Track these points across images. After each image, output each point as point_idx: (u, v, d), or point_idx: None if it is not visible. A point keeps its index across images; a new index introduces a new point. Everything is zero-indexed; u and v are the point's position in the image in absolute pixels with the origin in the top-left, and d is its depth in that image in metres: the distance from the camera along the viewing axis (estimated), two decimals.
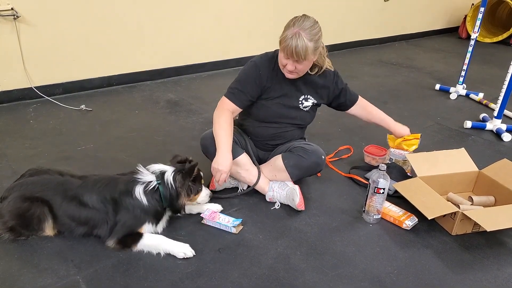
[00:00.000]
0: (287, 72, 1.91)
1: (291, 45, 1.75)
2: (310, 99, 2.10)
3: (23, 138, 2.76)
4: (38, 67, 3.38)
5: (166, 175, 1.77)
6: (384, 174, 1.88)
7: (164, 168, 1.80)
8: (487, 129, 3.16)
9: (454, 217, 1.87)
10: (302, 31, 1.75)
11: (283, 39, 1.80)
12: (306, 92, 2.08)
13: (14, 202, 1.71)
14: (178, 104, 3.50)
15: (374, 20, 5.95)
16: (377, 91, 4.04)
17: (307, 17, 1.83)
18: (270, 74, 2.00)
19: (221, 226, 1.87)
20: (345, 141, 2.86)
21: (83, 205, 1.71)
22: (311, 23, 1.80)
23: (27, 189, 1.74)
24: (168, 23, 3.99)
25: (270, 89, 2.03)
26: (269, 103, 2.07)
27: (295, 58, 1.80)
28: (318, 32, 1.82)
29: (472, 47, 3.73)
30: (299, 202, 2.01)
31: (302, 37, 1.75)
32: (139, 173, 1.78)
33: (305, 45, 1.75)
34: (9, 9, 3.07)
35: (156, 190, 1.75)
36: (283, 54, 1.84)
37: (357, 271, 1.67)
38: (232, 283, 1.58)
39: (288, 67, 1.86)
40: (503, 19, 6.74)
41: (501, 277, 1.68)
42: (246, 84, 2.00)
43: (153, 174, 1.79)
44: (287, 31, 1.79)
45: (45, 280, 1.56)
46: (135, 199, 1.71)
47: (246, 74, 2.02)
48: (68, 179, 1.79)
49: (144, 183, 1.75)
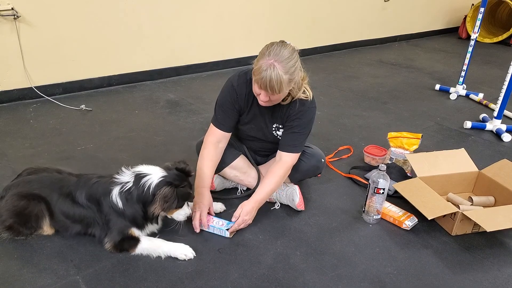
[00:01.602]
0: (261, 101, 1.80)
1: (265, 79, 1.62)
2: (281, 128, 1.98)
3: (23, 138, 2.76)
4: (38, 67, 3.38)
5: (147, 177, 1.64)
6: (384, 174, 1.88)
7: (148, 170, 1.68)
8: (487, 129, 3.16)
9: (454, 218, 1.87)
10: (277, 63, 1.61)
11: (257, 70, 1.65)
12: (277, 121, 1.97)
13: (11, 201, 1.71)
14: (178, 104, 3.50)
15: (374, 20, 5.95)
16: (377, 91, 4.04)
17: (284, 46, 1.67)
18: (246, 97, 1.92)
19: (215, 230, 1.84)
20: (345, 141, 2.86)
21: (76, 203, 1.70)
22: (288, 54, 1.65)
23: (24, 187, 1.74)
24: (168, 23, 3.99)
25: (245, 114, 1.98)
26: (243, 127, 2.04)
27: (268, 92, 1.67)
28: (294, 64, 1.67)
29: (472, 47, 3.73)
30: (299, 202, 2.01)
31: (276, 70, 1.60)
32: (120, 173, 1.70)
33: (279, 79, 1.62)
34: (9, 9, 3.07)
35: (131, 192, 1.64)
36: (257, 86, 1.70)
37: (356, 271, 1.67)
38: (232, 283, 1.58)
39: (261, 97, 1.74)
40: (503, 20, 6.75)
41: (501, 277, 1.68)
42: (226, 108, 1.94)
43: (132, 174, 1.68)
44: (261, 60, 1.64)
45: (45, 280, 1.56)
46: (111, 201, 1.65)
47: (224, 98, 1.94)
48: (66, 177, 1.78)
49: (121, 183, 1.66)
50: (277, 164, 1.92)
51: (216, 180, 2.15)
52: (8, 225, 1.71)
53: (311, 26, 5.16)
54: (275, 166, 1.93)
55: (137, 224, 1.71)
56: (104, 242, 1.71)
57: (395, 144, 2.51)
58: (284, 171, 1.92)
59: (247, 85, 1.88)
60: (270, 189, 1.90)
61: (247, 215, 1.85)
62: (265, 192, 1.89)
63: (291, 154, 1.92)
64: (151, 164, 1.77)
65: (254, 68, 1.69)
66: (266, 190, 1.89)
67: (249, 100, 1.92)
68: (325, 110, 3.43)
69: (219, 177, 2.16)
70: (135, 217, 1.68)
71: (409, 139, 2.49)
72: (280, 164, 1.91)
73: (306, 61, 1.82)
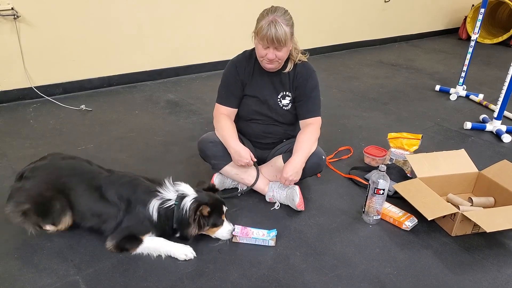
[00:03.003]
0: (267, 62, 1.91)
1: (270, 33, 1.77)
2: (288, 96, 2.06)
3: (23, 138, 2.76)
4: (38, 67, 3.38)
5: (186, 199, 1.70)
6: (384, 175, 1.88)
7: (187, 191, 1.74)
8: (487, 130, 3.16)
9: (454, 218, 1.87)
10: (278, 18, 1.79)
11: (260, 29, 1.81)
12: (283, 89, 2.05)
13: (38, 188, 1.69)
14: (178, 104, 3.50)
15: (375, 21, 5.96)
16: (377, 92, 4.04)
17: (277, 6, 1.86)
18: (247, 70, 2.03)
19: (257, 241, 1.79)
20: (345, 142, 2.86)
21: (102, 197, 1.70)
22: (283, 11, 1.84)
23: (53, 173, 1.72)
24: (168, 23, 3.99)
25: (248, 85, 2.06)
26: (248, 100, 2.09)
27: (275, 45, 1.81)
28: (291, 18, 1.86)
29: (472, 48, 3.73)
30: (299, 202, 2.01)
31: (279, 23, 1.78)
32: (163, 187, 1.73)
33: (283, 30, 1.79)
34: (9, 9, 3.07)
35: (171, 210, 1.70)
36: (261, 44, 1.84)
37: (356, 272, 1.67)
38: (232, 283, 1.58)
39: (269, 56, 1.86)
40: (503, 20, 6.75)
41: (501, 278, 1.68)
42: (229, 84, 2.06)
43: (176, 192, 1.73)
44: (261, 21, 1.81)
45: (45, 280, 1.56)
46: (147, 210, 1.68)
47: (226, 75, 2.07)
48: (97, 169, 1.79)
49: (163, 199, 1.70)
50: (307, 128, 2.02)
51: (216, 179, 2.16)
52: (24, 210, 1.67)
53: (311, 26, 5.16)
54: (305, 130, 2.02)
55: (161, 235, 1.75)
56: (108, 240, 1.70)
57: (395, 144, 2.51)
58: (316, 135, 2.02)
59: (246, 58, 2.03)
60: (309, 151, 1.98)
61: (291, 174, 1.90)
62: (305, 153, 1.96)
63: (315, 118, 2.05)
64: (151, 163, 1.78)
65: (256, 30, 1.85)
66: (306, 151, 1.96)
67: (249, 72, 2.03)
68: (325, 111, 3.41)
69: (219, 176, 2.16)
70: (164, 231, 1.74)
71: (409, 140, 2.49)
72: (310, 128, 2.01)
73: None
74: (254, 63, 2.03)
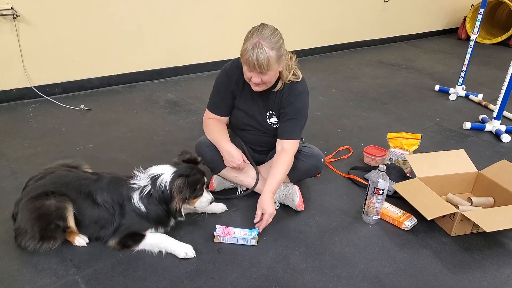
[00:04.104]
0: (253, 85, 1.83)
1: (252, 57, 1.67)
2: (274, 115, 2.00)
3: (22, 137, 2.75)
4: (37, 67, 3.38)
5: (161, 177, 1.69)
6: (383, 174, 1.88)
7: (160, 170, 1.72)
8: (486, 130, 3.16)
9: (453, 218, 1.87)
10: (262, 41, 1.67)
11: (243, 52, 1.71)
12: (270, 108, 1.98)
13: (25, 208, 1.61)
14: (177, 104, 3.50)
15: (374, 21, 5.96)
16: (376, 92, 4.04)
17: (265, 26, 1.74)
18: (238, 81, 1.96)
19: (239, 241, 1.79)
20: (344, 142, 2.86)
21: (96, 204, 1.68)
22: (270, 31, 1.71)
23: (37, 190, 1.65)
24: (168, 23, 3.99)
25: (238, 98, 2.01)
26: (238, 112, 2.05)
27: (258, 70, 1.71)
28: (279, 40, 1.73)
29: (471, 48, 3.73)
30: (299, 202, 2.01)
31: (263, 47, 1.66)
32: (134, 178, 1.72)
33: (266, 55, 1.67)
34: (8, 8, 3.07)
35: (150, 194, 1.68)
36: (246, 67, 1.76)
37: (356, 272, 1.67)
38: (232, 283, 1.58)
39: (254, 80, 1.78)
40: (503, 20, 6.75)
41: (500, 278, 1.68)
42: (221, 92, 2.01)
43: (148, 177, 1.71)
44: (246, 42, 1.71)
45: (44, 280, 1.56)
46: (134, 205, 1.68)
47: (218, 83, 2.02)
48: (81, 175, 1.74)
49: (139, 188, 1.69)
50: (281, 153, 1.94)
51: (215, 180, 2.16)
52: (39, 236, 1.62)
53: (311, 26, 5.16)
54: (279, 155, 1.94)
55: (162, 224, 1.76)
56: (110, 239, 1.69)
57: (395, 144, 2.51)
58: (290, 159, 1.93)
59: (238, 69, 1.92)
60: (281, 178, 1.91)
61: (269, 208, 1.84)
62: (277, 181, 1.89)
63: (291, 141, 1.94)
64: (153, 164, 1.78)
65: (241, 51, 1.74)
66: (277, 179, 1.89)
67: (239, 84, 1.97)
68: (325, 111, 3.43)
69: (218, 178, 2.16)
70: (160, 217, 1.73)
71: (409, 140, 2.49)
72: (284, 153, 1.93)
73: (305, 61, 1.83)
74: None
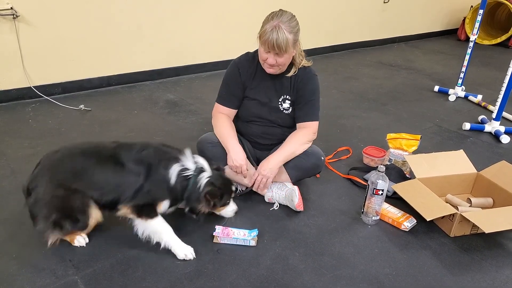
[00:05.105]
0: (267, 66, 1.92)
1: (271, 38, 1.77)
2: (288, 99, 2.06)
3: (22, 137, 2.75)
4: (37, 67, 3.37)
5: (202, 174, 1.71)
6: (383, 175, 1.88)
7: (205, 165, 1.75)
8: (486, 131, 3.16)
9: (453, 219, 1.87)
10: (282, 24, 1.78)
11: (263, 33, 1.81)
12: (284, 93, 2.05)
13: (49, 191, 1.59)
14: (177, 104, 3.50)
15: (374, 21, 5.96)
16: (376, 92, 4.04)
17: (284, 11, 1.85)
18: (249, 72, 2.03)
19: (238, 242, 1.79)
20: (344, 142, 2.87)
21: (118, 165, 1.64)
22: (289, 16, 1.83)
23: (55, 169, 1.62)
24: (168, 23, 3.99)
25: (249, 88, 2.06)
26: (248, 102, 2.09)
27: (276, 51, 1.81)
28: (296, 25, 1.84)
29: (471, 49, 3.73)
30: (298, 202, 2.01)
31: (282, 30, 1.77)
32: (183, 155, 1.73)
33: (285, 37, 1.77)
34: (8, 8, 3.07)
35: (188, 179, 1.70)
36: (263, 48, 1.85)
37: (355, 272, 1.67)
38: (231, 284, 1.58)
39: (269, 61, 1.86)
40: (502, 21, 6.76)
41: (499, 278, 1.68)
42: (230, 85, 2.06)
43: (195, 164, 1.73)
44: (266, 25, 1.81)
45: (44, 280, 1.56)
46: (167, 173, 1.67)
47: (228, 75, 2.08)
48: (100, 143, 1.74)
49: (183, 166, 1.70)
50: (300, 130, 2.00)
51: None
52: (53, 221, 1.60)
53: (311, 27, 5.16)
54: (297, 132, 2.00)
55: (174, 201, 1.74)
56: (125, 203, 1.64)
57: (394, 145, 2.51)
58: (307, 138, 2.00)
59: (249, 61, 2.03)
60: (291, 152, 1.93)
61: (265, 170, 1.85)
62: (286, 153, 1.91)
63: (311, 122, 2.04)
64: None
65: (259, 33, 1.84)
66: (287, 151, 1.91)
67: (251, 74, 2.03)
68: (325, 111, 3.42)
69: None
70: (176, 196, 1.72)
71: (408, 140, 2.49)
72: (303, 131, 2.01)
73: None
74: (256, 66, 2.03)
